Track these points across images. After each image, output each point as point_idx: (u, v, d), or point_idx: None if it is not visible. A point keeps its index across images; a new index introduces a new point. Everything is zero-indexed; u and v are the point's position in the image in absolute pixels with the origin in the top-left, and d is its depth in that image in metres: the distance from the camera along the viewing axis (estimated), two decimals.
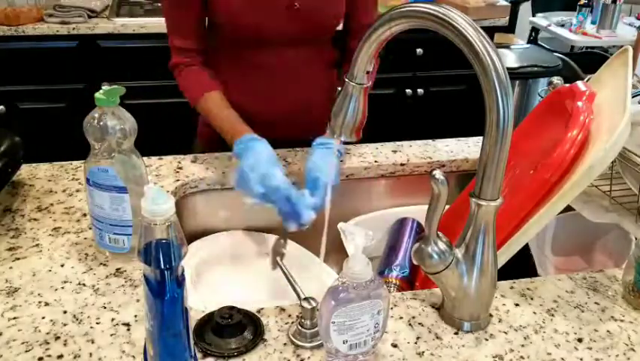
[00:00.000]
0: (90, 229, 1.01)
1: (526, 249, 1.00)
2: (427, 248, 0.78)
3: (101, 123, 0.86)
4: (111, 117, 0.86)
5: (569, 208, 0.99)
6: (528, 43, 3.60)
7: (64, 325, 0.80)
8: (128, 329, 0.79)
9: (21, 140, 1.11)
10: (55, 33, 2.39)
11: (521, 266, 1.01)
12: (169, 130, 2.56)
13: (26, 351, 0.75)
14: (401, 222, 1.23)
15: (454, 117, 2.78)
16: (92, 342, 0.77)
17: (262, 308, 0.84)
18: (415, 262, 0.80)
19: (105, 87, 0.86)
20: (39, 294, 0.85)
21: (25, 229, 1.00)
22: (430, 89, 2.85)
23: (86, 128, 0.87)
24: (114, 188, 0.88)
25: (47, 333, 0.78)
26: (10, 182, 1.12)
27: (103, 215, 0.90)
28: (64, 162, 1.22)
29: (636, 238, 1.02)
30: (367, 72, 0.85)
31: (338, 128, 0.90)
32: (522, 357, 0.77)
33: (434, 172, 0.73)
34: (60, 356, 0.75)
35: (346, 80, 0.86)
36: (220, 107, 1.20)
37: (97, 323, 0.80)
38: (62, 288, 0.87)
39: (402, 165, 1.28)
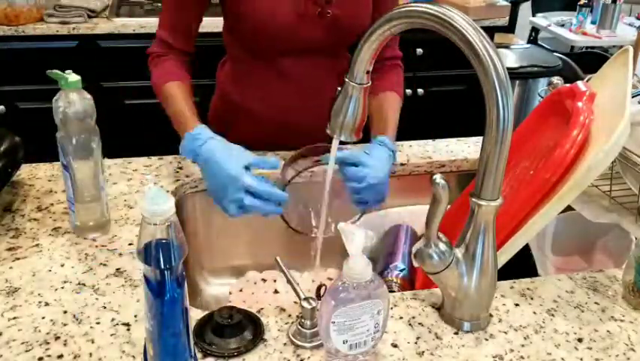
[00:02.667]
0: None
1: (526, 249, 1.00)
2: (427, 250, 0.78)
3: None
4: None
5: (569, 208, 0.99)
6: (528, 43, 3.60)
7: (64, 325, 0.80)
8: (128, 329, 0.79)
9: (21, 140, 1.11)
10: (55, 33, 2.39)
11: (521, 266, 1.01)
12: (169, 130, 2.56)
13: (26, 351, 0.75)
14: (395, 228, 1.22)
15: (454, 117, 2.78)
16: (92, 342, 0.77)
17: (262, 308, 0.84)
18: (415, 265, 0.80)
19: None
20: (39, 294, 0.85)
21: (25, 229, 1.00)
22: (430, 89, 2.85)
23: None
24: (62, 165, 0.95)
25: (47, 333, 0.78)
26: (10, 182, 1.12)
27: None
28: None
29: (636, 238, 1.02)
30: (367, 72, 0.85)
31: (338, 128, 0.90)
32: (522, 357, 0.77)
33: (435, 177, 0.73)
34: (60, 356, 0.75)
35: (346, 80, 0.86)
36: (184, 95, 1.14)
37: (97, 323, 0.80)
38: (62, 288, 0.87)
39: (402, 165, 1.28)
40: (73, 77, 0.92)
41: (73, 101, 0.92)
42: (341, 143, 0.94)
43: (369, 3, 1.23)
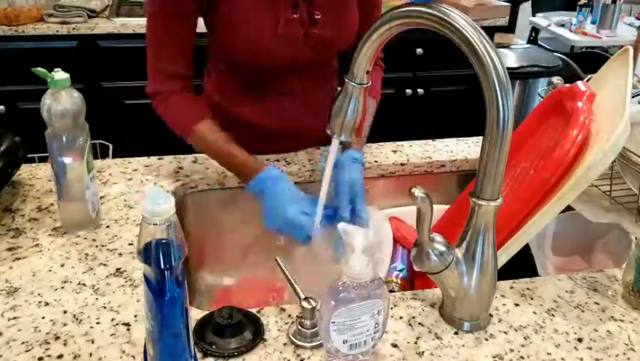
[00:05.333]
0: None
1: (526, 249, 1.00)
2: (424, 254, 0.78)
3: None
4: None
5: (569, 208, 0.99)
6: (528, 43, 3.60)
7: (64, 325, 0.80)
8: (128, 329, 0.79)
9: (21, 140, 1.11)
10: (55, 33, 2.39)
11: (521, 266, 1.01)
12: (169, 130, 2.56)
13: (26, 351, 0.75)
14: None
15: (454, 117, 2.78)
16: (92, 342, 0.77)
17: (262, 308, 0.84)
18: (416, 269, 0.80)
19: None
20: (39, 294, 0.85)
21: (25, 229, 1.00)
22: (430, 89, 2.85)
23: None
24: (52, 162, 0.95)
25: (47, 333, 0.78)
26: (10, 182, 1.12)
27: None
28: None
29: (636, 238, 1.02)
30: (367, 72, 0.85)
31: (338, 128, 0.90)
32: (522, 357, 0.77)
33: (413, 190, 0.74)
34: (60, 356, 0.75)
35: (346, 80, 0.86)
36: (218, 139, 1.13)
37: (97, 323, 0.80)
38: (62, 288, 0.87)
39: (402, 165, 1.28)
40: (60, 75, 0.92)
41: (60, 99, 0.92)
42: (340, 143, 0.95)
43: (355, 18, 1.21)
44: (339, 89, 0.88)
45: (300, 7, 1.14)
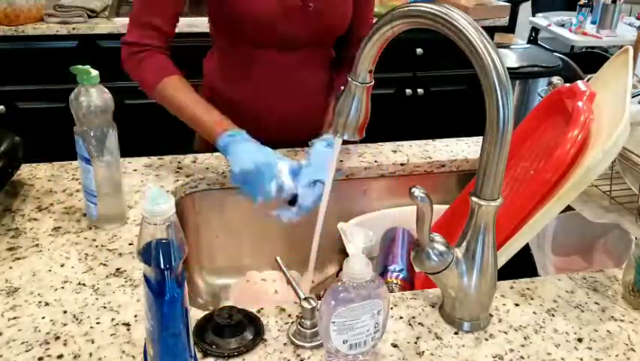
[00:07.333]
0: (90, 229, 1.01)
1: (526, 249, 1.00)
2: (424, 254, 0.78)
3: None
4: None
5: (569, 208, 0.99)
6: (528, 43, 3.61)
7: (64, 325, 0.80)
8: (128, 329, 0.79)
9: (21, 140, 1.11)
10: (55, 33, 2.39)
11: (521, 266, 1.01)
12: (169, 130, 2.56)
13: (26, 351, 0.75)
14: (391, 231, 1.22)
15: (454, 117, 2.78)
16: (92, 342, 0.77)
17: (262, 308, 0.84)
18: (416, 269, 0.80)
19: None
20: (39, 294, 0.85)
21: (25, 229, 1.00)
22: (430, 89, 2.85)
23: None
24: (83, 158, 0.97)
25: (47, 333, 0.78)
26: (10, 182, 1.12)
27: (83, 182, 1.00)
28: (64, 162, 1.22)
29: (636, 238, 1.02)
30: (370, 71, 0.85)
31: (341, 127, 0.90)
32: (522, 357, 0.77)
33: (413, 190, 0.74)
34: (60, 356, 0.75)
35: (349, 79, 0.86)
36: (186, 93, 1.14)
37: (97, 323, 0.80)
38: (62, 288, 0.87)
39: (402, 165, 1.28)
40: (93, 72, 0.95)
41: (94, 96, 0.94)
42: (344, 142, 0.95)
43: (350, 2, 1.26)
44: (343, 88, 0.88)
45: None
